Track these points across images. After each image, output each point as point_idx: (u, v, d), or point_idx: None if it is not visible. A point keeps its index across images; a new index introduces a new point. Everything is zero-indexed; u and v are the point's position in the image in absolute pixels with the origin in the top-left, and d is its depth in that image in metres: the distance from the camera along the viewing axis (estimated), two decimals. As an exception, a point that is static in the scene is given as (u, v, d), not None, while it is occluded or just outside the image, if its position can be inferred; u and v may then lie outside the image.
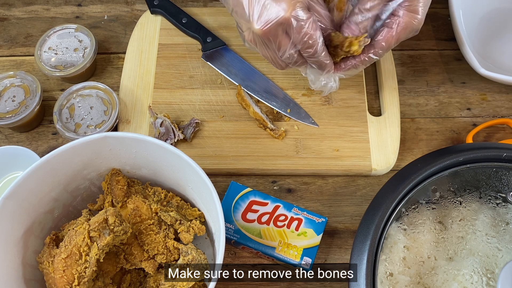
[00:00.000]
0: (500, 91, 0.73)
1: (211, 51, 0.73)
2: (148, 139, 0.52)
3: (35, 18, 0.79)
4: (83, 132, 0.65)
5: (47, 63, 0.70)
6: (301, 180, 0.66)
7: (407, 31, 0.55)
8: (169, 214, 0.54)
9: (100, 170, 0.56)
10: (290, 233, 0.59)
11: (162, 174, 0.58)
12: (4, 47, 0.76)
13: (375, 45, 0.55)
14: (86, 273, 0.48)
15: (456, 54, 0.75)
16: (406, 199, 0.49)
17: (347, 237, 0.62)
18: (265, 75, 0.72)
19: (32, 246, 0.53)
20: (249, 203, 0.61)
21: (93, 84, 0.68)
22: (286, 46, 0.53)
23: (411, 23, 0.54)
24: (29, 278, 0.52)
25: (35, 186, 0.51)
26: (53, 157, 0.51)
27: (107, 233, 0.48)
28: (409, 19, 0.54)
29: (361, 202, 0.65)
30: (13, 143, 0.68)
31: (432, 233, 0.53)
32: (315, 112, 0.69)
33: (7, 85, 0.68)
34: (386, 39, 0.55)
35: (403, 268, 0.51)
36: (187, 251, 0.51)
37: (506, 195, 0.54)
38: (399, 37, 0.55)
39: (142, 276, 0.56)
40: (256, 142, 0.67)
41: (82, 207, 0.57)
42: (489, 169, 0.52)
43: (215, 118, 0.69)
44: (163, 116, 0.66)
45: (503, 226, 0.53)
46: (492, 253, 0.51)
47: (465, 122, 0.71)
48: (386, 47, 0.55)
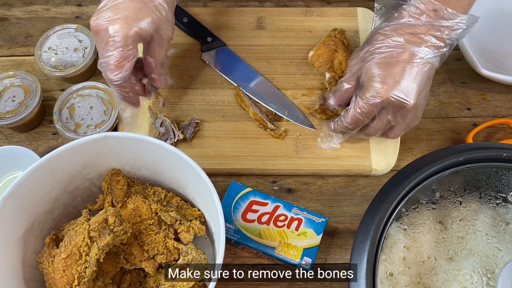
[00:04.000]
0: (500, 91, 0.73)
1: (211, 51, 0.73)
2: (148, 139, 0.52)
3: (35, 18, 0.79)
4: (83, 132, 0.65)
5: (47, 63, 0.70)
6: (301, 180, 0.66)
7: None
8: (169, 214, 0.54)
9: (100, 170, 0.56)
10: (290, 233, 0.59)
11: (162, 174, 0.58)
12: (4, 47, 0.76)
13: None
14: (86, 273, 0.48)
15: (456, 54, 0.75)
16: (406, 199, 0.49)
17: (347, 237, 0.62)
18: (264, 76, 0.72)
19: (32, 246, 0.53)
20: (249, 203, 0.61)
21: (93, 84, 0.68)
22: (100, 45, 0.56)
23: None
24: (29, 278, 0.52)
25: (35, 186, 0.51)
26: (53, 157, 0.51)
27: (107, 233, 0.48)
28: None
29: (361, 202, 0.65)
30: (13, 143, 0.68)
31: (432, 233, 0.53)
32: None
33: (7, 85, 0.68)
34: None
35: (403, 268, 0.51)
36: (187, 251, 0.51)
37: (506, 195, 0.54)
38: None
39: (142, 276, 0.56)
40: (256, 142, 0.67)
41: (82, 207, 0.57)
42: (489, 169, 0.52)
43: (215, 118, 0.69)
44: (163, 116, 0.66)
45: (503, 226, 0.53)
46: (492, 253, 0.51)
47: (465, 122, 0.71)
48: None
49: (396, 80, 0.53)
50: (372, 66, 0.55)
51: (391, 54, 0.54)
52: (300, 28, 0.76)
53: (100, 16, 0.53)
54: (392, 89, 0.53)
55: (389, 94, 0.53)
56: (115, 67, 0.54)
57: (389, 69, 0.54)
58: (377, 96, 0.54)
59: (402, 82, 0.53)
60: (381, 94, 0.54)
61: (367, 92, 0.55)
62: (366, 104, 0.55)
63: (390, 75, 0.53)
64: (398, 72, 0.53)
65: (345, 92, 0.60)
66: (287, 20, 0.76)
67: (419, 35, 0.53)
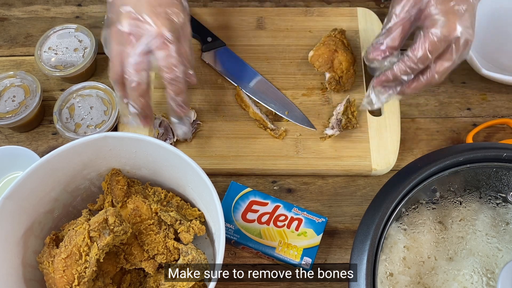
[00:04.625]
0: (500, 91, 0.73)
1: (211, 51, 0.73)
2: (148, 139, 0.52)
3: (35, 18, 0.79)
4: (83, 132, 0.65)
5: (47, 63, 0.70)
6: (301, 180, 0.66)
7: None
8: (169, 214, 0.54)
9: (100, 170, 0.56)
10: (290, 233, 0.59)
11: (162, 174, 0.58)
12: (4, 47, 0.76)
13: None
14: (86, 273, 0.48)
15: (456, 54, 0.75)
16: (406, 199, 0.49)
17: (347, 237, 0.62)
18: (264, 76, 0.72)
19: (32, 246, 0.53)
20: (249, 203, 0.61)
21: (93, 84, 0.68)
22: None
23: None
24: (29, 278, 0.52)
25: (35, 186, 0.51)
26: (53, 157, 0.51)
27: (107, 233, 0.48)
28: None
29: (361, 202, 0.65)
30: (13, 143, 0.68)
31: (432, 233, 0.53)
32: (315, 112, 0.69)
33: (7, 85, 0.68)
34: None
35: (403, 268, 0.51)
36: (187, 251, 0.51)
37: (506, 195, 0.54)
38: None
39: (142, 276, 0.56)
40: (256, 142, 0.67)
41: (82, 207, 0.57)
42: (489, 169, 0.52)
43: (215, 118, 0.69)
44: (161, 116, 0.66)
45: (503, 226, 0.53)
46: (492, 253, 0.51)
47: (465, 122, 0.71)
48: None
49: (464, 15, 0.52)
50: (435, 3, 0.53)
51: None
52: (300, 28, 0.76)
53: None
54: (463, 22, 0.52)
55: (460, 27, 0.52)
56: (177, 63, 0.52)
57: (455, 5, 0.52)
58: (449, 29, 0.52)
59: (468, 18, 0.52)
60: (452, 27, 0.52)
61: (436, 26, 0.52)
62: (437, 38, 0.52)
63: (457, 10, 0.52)
64: (463, 9, 0.52)
65: (402, 32, 0.56)
66: (287, 20, 0.76)
67: None
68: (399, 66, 0.55)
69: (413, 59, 0.54)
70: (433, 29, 0.52)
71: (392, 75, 0.56)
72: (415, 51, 0.53)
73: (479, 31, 0.73)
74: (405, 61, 0.54)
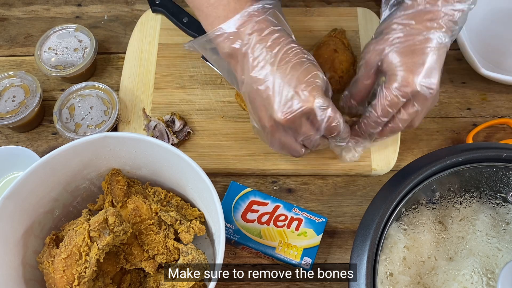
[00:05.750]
0: (500, 91, 0.73)
1: (211, 51, 0.73)
2: (148, 139, 0.52)
3: (35, 18, 0.79)
4: (83, 132, 0.65)
5: (47, 63, 0.70)
6: (301, 180, 0.66)
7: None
8: (169, 214, 0.54)
9: (100, 170, 0.56)
10: (290, 233, 0.59)
11: (162, 174, 0.58)
12: (4, 47, 0.76)
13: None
14: (86, 273, 0.48)
15: (456, 54, 0.75)
16: (406, 199, 0.49)
17: (347, 237, 0.62)
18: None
19: (32, 246, 0.53)
20: (249, 203, 0.61)
21: (93, 84, 0.68)
22: (309, 132, 0.54)
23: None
24: (29, 278, 0.52)
25: (35, 186, 0.51)
26: (53, 157, 0.51)
27: (107, 233, 0.48)
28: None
29: (361, 202, 0.65)
30: (13, 143, 0.68)
31: (432, 233, 0.53)
32: (315, 112, 0.69)
33: (7, 85, 0.68)
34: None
35: (403, 268, 0.51)
36: (187, 251, 0.51)
37: (506, 195, 0.54)
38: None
39: (142, 276, 0.56)
40: (256, 142, 0.67)
41: (82, 207, 0.57)
42: (489, 169, 0.52)
43: (215, 118, 0.69)
44: (157, 119, 0.66)
45: (503, 226, 0.53)
46: (492, 253, 0.51)
47: (465, 122, 0.71)
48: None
49: (422, 68, 0.53)
50: (395, 56, 0.53)
51: (413, 42, 0.53)
52: (300, 28, 0.76)
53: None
54: (420, 77, 0.52)
55: (418, 82, 0.52)
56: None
57: (414, 57, 0.53)
58: (406, 85, 0.53)
59: (428, 69, 0.53)
60: (409, 83, 0.53)
61: (394, 82, 0.53)
62: (394, 94, 0.53)
63: (415, 63, 0.53)
64: (423, 60, 0.53)
65: (364, 89, 0.59)
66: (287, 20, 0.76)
67: (437, 20, 0.53)
68: (365, 122, 0.58)
69: (375, 115, 0.56)
70: (392, 85, 0.53)
71: (361, 131, 0.59)
72: (376, 108, 0.55)
73: (479, 31, 0.73)
74: (370, 116, 0.57)
